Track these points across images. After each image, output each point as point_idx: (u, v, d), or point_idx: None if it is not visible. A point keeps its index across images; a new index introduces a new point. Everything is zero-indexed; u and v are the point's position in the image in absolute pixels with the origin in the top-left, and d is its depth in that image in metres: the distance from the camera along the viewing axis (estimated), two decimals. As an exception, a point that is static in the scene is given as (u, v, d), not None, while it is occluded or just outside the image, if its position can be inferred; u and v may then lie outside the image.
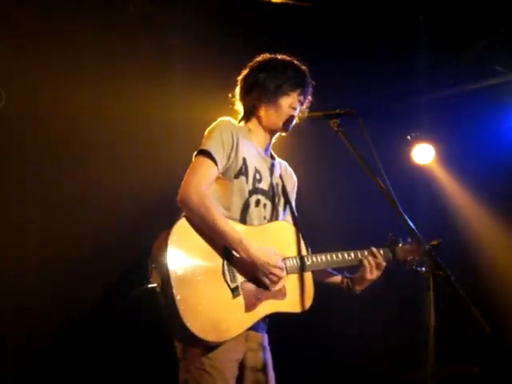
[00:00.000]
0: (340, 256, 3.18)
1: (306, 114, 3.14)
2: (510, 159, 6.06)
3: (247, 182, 3.08)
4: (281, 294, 3.01)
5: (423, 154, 6.36)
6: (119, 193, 5.23)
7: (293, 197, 3.38)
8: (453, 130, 6.22)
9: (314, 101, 3.27)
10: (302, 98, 3.19)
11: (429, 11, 5.34)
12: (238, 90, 3.27)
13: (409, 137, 6.36)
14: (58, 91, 4.99)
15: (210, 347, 2.85)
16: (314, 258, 3.12)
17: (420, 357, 2.46)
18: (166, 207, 3.22)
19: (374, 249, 3.21)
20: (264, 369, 3.06)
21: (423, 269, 2.54)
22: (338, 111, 2.98)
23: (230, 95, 3.30)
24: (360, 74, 5.68)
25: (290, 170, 3.42)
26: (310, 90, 3.24)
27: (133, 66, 5.10)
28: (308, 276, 3.11)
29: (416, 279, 2.58)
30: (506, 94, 5.97)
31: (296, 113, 3.17)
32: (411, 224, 2.72)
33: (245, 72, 3.27)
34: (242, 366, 3.00)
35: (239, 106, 3.28)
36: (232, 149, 3.04)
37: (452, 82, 6.06)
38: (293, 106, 3.16)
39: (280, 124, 3.17)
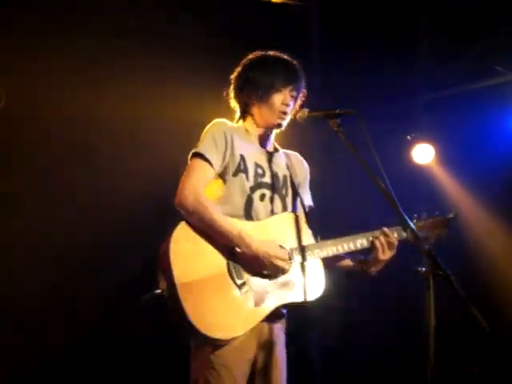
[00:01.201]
0: (350, 241, 3.15)
1: (307, 114, 3.13)
2: (510, 159, 6.06)
3: (247, 179, 3.08)
4: (290, 285, 3.00)
5: (423, 153, 6.36)
6: (119, 192, 5.22)
7: (305, 185, 3.35)
8: (453, 130, 6.21)
9: (313, 100, 3.27)
10: (294, 93, 3.18)
11: (429, 11, 5.34)
12: (231, 89, 3.28)
13: (409, 137, 6.35)
14: (58, 91, 4.98)
15: (221, 345, 2.86)
16: (321, 246, 3.10)
17: (420, 357, 2.46)
18: (171, 208, 3.22)
19: (385, 228, 3.17)
20: (276, 368, 3.05)
21: (423, 269, 2.54)
22: (338, 111, 2.98)
23: (224, 94, 3.30)
24: (360, 74, 5.68)
25: (300, 158, 3.40)
26: (303, 85, 3.23)
27: (133, 66, 5.10)
28: (317, 265, 3.08)
29: (416, 279, 2.58)
30: (506, 94, 5.96)
31: (289, 109, 3.16)
32: (411, 224, 2.72)
33: (237, 70, 3.27)
34: (254, 365, 3.00)
35: (234, 104, 3.28)
36: (226, 148, 3.05)
37: (452, 82, 6.05)
38: (285, 102, 3.14)
39: (274, 121, 3.16)
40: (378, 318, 6.00)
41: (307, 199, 3.34)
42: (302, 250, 3.06)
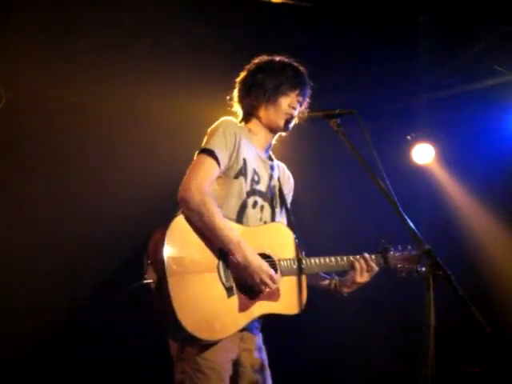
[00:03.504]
0: (333, 260, 3.21)
1: (306, 114, 3.14)
2: (509, 159, 6.06)
3: (246, 183, 3.09)
4: (275, 296, 3.02)
5: (423, 153, 6.37)
6: (119, 191, 5.24)
7: (289, 200, 3.38)
8: (453, 130, 6.22)
9: (313, 101, 3.27)
10: (300, 98, 3.20)
11: (429, 11, 5.34)
12: (236, 92, 3.28)
13: (409, 137, 6.36)
14: (58, 91, 4.99)
15: (203, 346, 2.86)
16: (309, 262, 3.14)
17: (420, 357, 2.46)
18: (164, 205, 3.22)
19: (366, 254, 3.25)
20: (260, 368, 3.07)
21: (423, 269, 2.54)
22: (338, 111, 2.98)
23: (228, 98, 3.30)
24: (360, 74, 5.68)
25: (288, 172, 3.43)
26: (309, 91, 3.24)
27: (133, 66, 5.10)
28: (302, 278, 3.12)
29: (416, 279, 2.58)
30: (506, 94, 5.96)
31: (295, 112, 3.18)
32: (411, 224, 2.72)
33: (243, 74, 3.27)
34: (237, 365, 3.01)
35: (238, 108, 3.28)
36: (234, 149, 3.05)
37: (452, 82, 6.06)
38: (292, 105, 3.17)
39: (280, 123, 3.18)
40: (377, 319, 6.00)
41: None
42: (292, 262, 3.09)
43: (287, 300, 3.05)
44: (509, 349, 5.81)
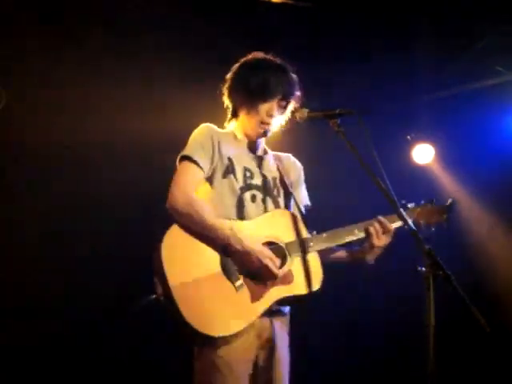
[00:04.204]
0: (345, 231, 3.16)
1: (306, 114, 3.13)
2: (509, 159, 6.06)
3: (237, 180, 3.10)
4: (288, 279, 3.01)
5: (423, 153, 6.36)
6: (119, 193, 5.23)
7: (299, 185, 3.37)
8: (453, 130, 6.21)
9: (313, 101, 3.26)
10: (283, 103, 3.17)
11: (429, 11, 5.34)
12: (225, 87, 3.26)
13: (409, 137, 6.36)
14: (58, 91, 4.99)
15: (220, 346, 2.88)
16: (317, 238, 3.12)
17: (420, 357, 2.46)
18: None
19: (380, 217, 3.17)
20: (277, 368, 3.06)
21: (423, 269, 2.54)
22: (338, 111, 2.97)
23: (218, 92, 3.30)
24: (360, 74, 5.68)
25: (293, 159, 3.41)
26: (295, 94, 3.19)
27: (131, 67, 5.10)
28: (314, 257, 3.09)
29: (417, 279, 2.58)
30: (506, 94, 5.96)
31: (273, 120, 3.16)
32: (411, 224, 2.72)
33: (233, 69, 3.26)
34: (255, 364, 3.02)
35: (227, 103, 3.28)
36: (213, 150, 3.07)
37: (452, 82, 6.06)
38: (270, 113, 3.14)
39: (257, 129, 3.17)
40: (377, 319, 6.00)
41: (303, 198, 3.36)
42: (298, 243, 3.08)
43: (301, 280, 3.03)
44: (509, 349, 5.80)
